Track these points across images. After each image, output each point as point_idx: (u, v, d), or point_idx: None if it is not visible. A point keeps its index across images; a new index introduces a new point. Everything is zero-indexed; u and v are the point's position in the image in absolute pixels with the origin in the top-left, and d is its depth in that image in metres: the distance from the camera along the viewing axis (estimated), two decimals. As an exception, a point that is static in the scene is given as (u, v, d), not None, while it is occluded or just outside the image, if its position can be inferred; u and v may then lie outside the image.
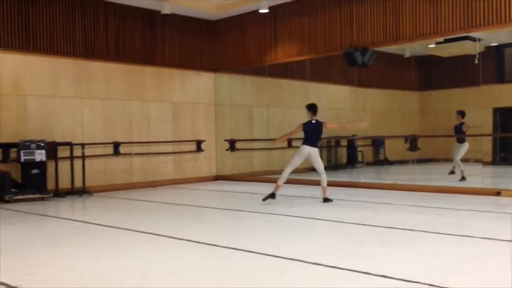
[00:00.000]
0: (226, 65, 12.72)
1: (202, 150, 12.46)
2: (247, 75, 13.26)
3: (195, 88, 12.50)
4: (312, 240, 5.47)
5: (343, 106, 14.99)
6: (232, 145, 12.76)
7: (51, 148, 9.59)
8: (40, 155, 9.28)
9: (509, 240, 5.13)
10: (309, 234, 5.84)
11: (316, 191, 9.89)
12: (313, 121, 8.25)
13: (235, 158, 13.00)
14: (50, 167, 9.62)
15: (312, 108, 8.34)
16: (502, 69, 15.19)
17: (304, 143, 8.18)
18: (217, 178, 12.80)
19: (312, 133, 8.20)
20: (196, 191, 10.76)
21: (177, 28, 12.13)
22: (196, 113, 12.49)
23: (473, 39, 11.02)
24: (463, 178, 10.74)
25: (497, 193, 8.57)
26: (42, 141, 9.38)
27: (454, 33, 9.08)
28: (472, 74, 14.12)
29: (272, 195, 8.03)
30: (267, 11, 11.24)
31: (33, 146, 9.23)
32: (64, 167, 9.93)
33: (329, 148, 14.44)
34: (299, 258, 4.51)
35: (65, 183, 9.89)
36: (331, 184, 10.83)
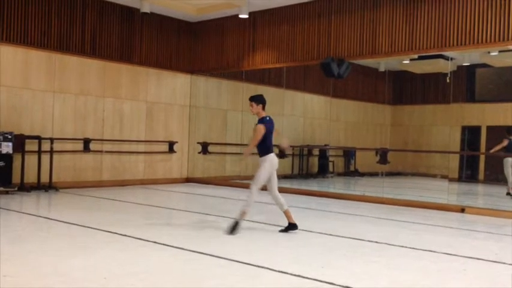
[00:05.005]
0: (203, 67, 12.69)
1: (175, 152, 12.37)
2: (223, 79, 13.27)
3: (171, 88, 12.43)
4: (278, 248, 5.49)
5: (318, 116, 15.14)
6: (205, 148, 12.72)
7: (19, 141, 9.38)
8: (6, 147, 9.06)
9: (469, 257, 5.26)
10: (276, 241, 5.85)
11: (285, 199, 9.93)
12: (268, 117, 6.35)
13: (207, 161, 12.97)
14: (17, 160, 9.40)
15: (263, 100, 6.39)
16: (473, 89, 15.62)
17: (269, 151, 6.20)
18: (188, 180, 12.73)
19: (272, 134, 6.30)
20: (167, 193, 10.67)
21: (156, 27, 12.05)
22: (170, 113, 12.41)
23: (446, 58, 11.30)
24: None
25: (462, 210, 8.78)
26: (10, 133, 9.16)
27: (428, 51, 9.29)
28: (443, 91, 14.49)
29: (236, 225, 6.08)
30: (246, 16, 11.28)
31: None
32: (31, 161, 9.72)
33: (301, 157, 14.55)
34: (265, 266, 4.52)
35: (31, 177, 9.68)
36: (302, 192, 10.94)
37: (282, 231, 6.29)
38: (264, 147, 6.22)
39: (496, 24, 8.38)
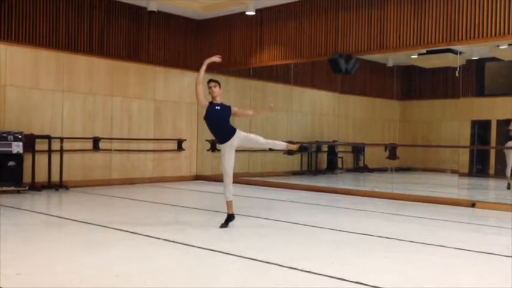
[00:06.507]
0: (210, 65, 12.63)
1: (183, 150, 12.41)
2: (231, 76, 13.26)
3: (179, 87, 12.46)
4: (288, 245, 5.49)
5: (326, 112, 15.11)
6: (213, 145, 12.72)
7: (29, 140, 9.45)
8: (17, 147, 9.13)
9: (481, 252, 5.23)
10: (286, 238, 5.85)
11: (295, 195, 9.93)
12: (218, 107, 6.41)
13: (215, 158, 12.96)
14: (27, 159, 9.47)
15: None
16: (482, 83, 15.48)
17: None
18: (197, 178, 12.76)
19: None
20: (176, 190, 10.71)
21: (163, 26, 12.07)
22: (178, 111, 12.44)
23: (455, 52, 11.20)
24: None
25: (472, 204, 8.72)
26: (20, 133, 9.23)
27: (436, 45, 9.23)
28: (452, 86, 14.38)
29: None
30: (253, 13, 11.27)
31: (10, 137, 9.07)
32: (41, 160, 9.79)
33: (309, 153, 14.52)
34: (275, 262, 4.53)
35: (41, 176, 9.75)
36: (311, 189, 10.93)
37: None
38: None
39: (505, 17, 8.30)
